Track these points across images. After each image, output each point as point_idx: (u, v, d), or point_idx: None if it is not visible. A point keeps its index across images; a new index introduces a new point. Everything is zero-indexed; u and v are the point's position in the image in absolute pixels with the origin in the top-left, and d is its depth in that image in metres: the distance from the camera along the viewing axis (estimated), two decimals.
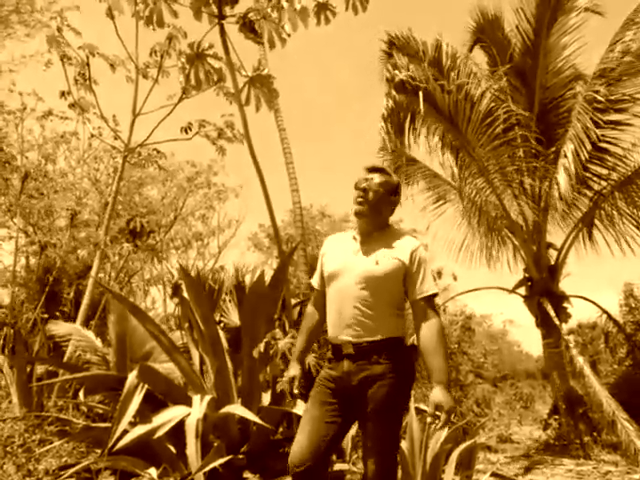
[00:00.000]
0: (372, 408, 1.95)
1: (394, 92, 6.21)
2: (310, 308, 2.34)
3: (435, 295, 2.06)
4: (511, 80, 7.32)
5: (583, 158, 6.37)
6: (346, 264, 2.10)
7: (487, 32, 7.60)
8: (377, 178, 2.14)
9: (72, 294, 9.03)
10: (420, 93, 5.90)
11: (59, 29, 5.94)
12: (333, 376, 2.07)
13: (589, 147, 6.25)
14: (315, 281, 2.30)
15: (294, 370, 2.22)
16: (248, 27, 3.76)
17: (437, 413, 1.88)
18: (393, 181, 2.18)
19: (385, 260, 2.04)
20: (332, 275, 2.12)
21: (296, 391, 2.17)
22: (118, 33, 6.36)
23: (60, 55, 6.34)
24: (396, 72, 6.12)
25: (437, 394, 1.90)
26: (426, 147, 7.70)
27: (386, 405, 1.95)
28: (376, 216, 2.13)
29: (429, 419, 1.91)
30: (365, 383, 1.97)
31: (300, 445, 1.98)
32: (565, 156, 6.42)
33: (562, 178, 6.38)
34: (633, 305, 8.54)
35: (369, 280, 2.02)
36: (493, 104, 6.39)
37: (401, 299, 2.11)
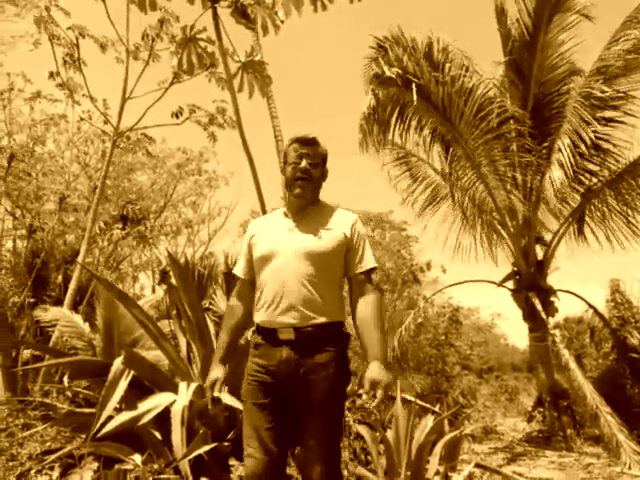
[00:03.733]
0: (317, 401, 1.78)
1: (379, 88, 6.18)
2: (233, 301, 2.09)
3: (374, 269, 1.95)
4: (508, 74, 7.29)
5: (578, 153, 6.39)
6: (282, 242, 1.91)
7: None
8: (316, 153, 1.97)
9: (60, 278, 8.95)
10: (413, 85, 5.86)
11: (47, 8, 5.84)
12: (266, 367, 1.84)
13: (588, 142, 6.26)
14: (239, 269, 2.08)
15: (216, 372, 1.96)
16: (239, 12, 3.71)
17: (371, 391, 1.72)
18: (325, 151, 2.02)
19: (328, 235, 1.91)
20: (266, 256, 1.92)
21: (217, 394, 1.92)
22: (109, 15, 6.27)
23: (49, 35, 6.24)
24: (385, 68, 6.08)
25: (373, 370, 1.73)
26: (415, 140, 7.71)
27: (331, 399, 1.80)
28: (315, 193, 2.02)
29: (364, 396, 1.73)
30: (308, 374, 1.78)
31: (250, 460, 1.81)
32: (560, 151, 6.41)
33: (557, 173, 6.39)
34: (619, 300, 8.63)
35: (313, 256, 1.86)
36: (487, 98, 6.37)
37: (341, 277, 1.96)
